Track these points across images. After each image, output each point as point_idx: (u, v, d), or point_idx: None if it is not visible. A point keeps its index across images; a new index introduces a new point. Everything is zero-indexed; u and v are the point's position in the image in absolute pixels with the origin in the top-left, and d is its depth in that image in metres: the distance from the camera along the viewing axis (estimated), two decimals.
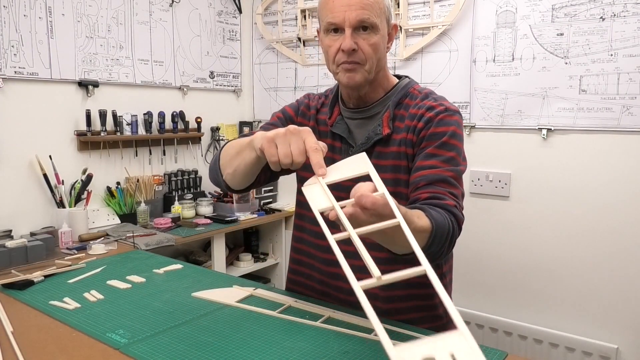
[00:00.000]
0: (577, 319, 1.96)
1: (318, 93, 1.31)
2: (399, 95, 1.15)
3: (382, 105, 1.17)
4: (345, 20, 1.05)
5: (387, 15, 1.11)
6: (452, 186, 1.04)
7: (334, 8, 1.06)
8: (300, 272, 1.30)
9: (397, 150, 1.12)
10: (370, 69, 1.09)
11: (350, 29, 1.05)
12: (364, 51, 1.07)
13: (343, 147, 1.18)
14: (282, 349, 0.97)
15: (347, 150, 1.17)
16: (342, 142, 1.18)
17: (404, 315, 1.15)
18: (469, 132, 2.15)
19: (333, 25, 1.07)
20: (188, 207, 2.40)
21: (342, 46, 1.06)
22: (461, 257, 2.22)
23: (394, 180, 1.11)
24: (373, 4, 1.06)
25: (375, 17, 1.06)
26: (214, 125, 2.77)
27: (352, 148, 1.16)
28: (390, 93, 1.18)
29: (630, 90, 1.78)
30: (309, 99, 1.28)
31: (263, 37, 2.83)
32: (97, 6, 2.19)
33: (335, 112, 1.21)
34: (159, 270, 1.48)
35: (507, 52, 2.02)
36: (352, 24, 1.05)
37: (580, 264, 1.94)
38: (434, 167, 1.05)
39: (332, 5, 1.07)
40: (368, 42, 1.07)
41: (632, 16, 1.75)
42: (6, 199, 1.95)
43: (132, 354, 0.96)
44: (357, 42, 1.06)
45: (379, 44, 1.08)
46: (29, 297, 1.29)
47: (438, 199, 1.00)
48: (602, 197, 1.87)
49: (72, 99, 2.15)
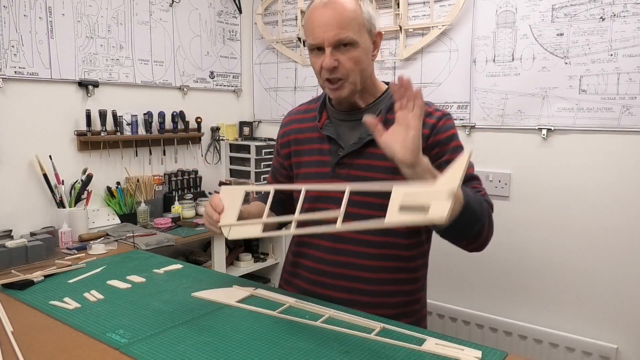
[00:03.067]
0: (577, 319, 1.96)
1: (297, 107, 1.40)
2: (390, 101, 1.19)
3: (374, 110, 1.22)
4: (324, 41, 1.12)
5: (368, 27, 1.16)
6: (477, 179, 1.18)
7: (314, 29, 1.14)
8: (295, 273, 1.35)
9: None
10: (355, 81, 1.16)
11: (330, 47, 1.12)
12: (346, 66, 1.13)
13: (332, 149, 1.23)
14: (282, 349, 0.97)
15: (337, 152, 1.22)
16: (330, 144, 1.24)
17: (389, 310, 1.20)
18: (469, 132, 2.15)
19: (314, 46, 1.15)
20: (188, 207, 2.40)
21: (323, 65, 1.13)
22: (461, 257, 2.22)
23: (391, 182, 1.12)
24: (350, 21, 1.12)
25: (354, 33, 1.12)
26: (214, 125, 2.77)
27: (341, 149, 1.21)
28: (381, 98, 1.23)
29: (630, 90, 1.78)
30: (282, 127, 1.39)
31: (263, 37, 2.83)
32: (97, 6, 2.19)
33: (323, 117, 1.27)
34: (159, 270, 1.48)
35: (507, 52, 2.02)
36: (330, 43, 1.12)
37: (580, 263, 1.94)
38: None
39: (313, 26, 1.14)
40: (348, 57, 1.13)
41: (632, 16, 1.75)
42: (6, 199, 1.95)
43: (132, 354, 0.96)
44: (337, 58, 1.13)
45: (360, 57, 1.14)
46: (29, 297, 1.29)
47: (477, 192, 1.11)
48: (602, 197, 1.88)
49: (72, 99, 2.15)
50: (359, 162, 1.20)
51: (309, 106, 1.35)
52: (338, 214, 0.90)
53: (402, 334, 1.04)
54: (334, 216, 0.90)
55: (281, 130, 1.38)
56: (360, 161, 1.20)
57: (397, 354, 0.96)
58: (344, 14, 1.12)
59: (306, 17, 1.18)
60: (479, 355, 0.95)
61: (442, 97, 2.21)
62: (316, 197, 1.24)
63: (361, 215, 1.12)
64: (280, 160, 1.39)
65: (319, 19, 1.13)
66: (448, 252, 2.24)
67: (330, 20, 1.12)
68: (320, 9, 1.14)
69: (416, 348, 0.98)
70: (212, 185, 2.73)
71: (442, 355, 0.95)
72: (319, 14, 1.14)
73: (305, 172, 1.30)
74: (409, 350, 0.97)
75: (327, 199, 1.22)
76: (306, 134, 1.30)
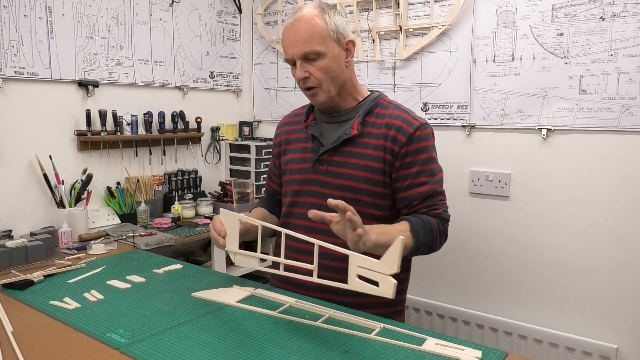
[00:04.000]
0: (577, 319, 1.96)
1: (291, 112, 1.54)
2: (370, 104, 1.32)
3: (354, 113, 1.34)
4: (293, 56, 1.26)
5: (335, 37, 1.26)
6: (441, 194, 1.31)
7: (285, 46, 1.28)
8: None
9: (373, 154, 1.27)
10: (329, 87, 1.28)
11: (299, 61, 1.25)
12: (316, 76, 1.26)
13: (315, 146, 1.35)
14: (282, 348, 0.97)
15: (318, 149, 1.34)
16: (314, 142, 1.35)
17: (369, 309, 1.22)
18: (469, 132, 2.15)
19: (288, 61, 1.29)
20: (188, 207, 2.40)
21: (296, 77, 1.28)
22: (461, 257, 2.22)
23: (366, 179, 1.27)
24: (313, 34, 1.23)
25: (318, 45, 1.24)
26: (214, 125, 2.77)
27: (322, 147, 1.33)
28: (362, 103, 1.35)
29: (630, 90, 1.78)
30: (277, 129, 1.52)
31: (263, 37, 2.83)
32: (97, 6, 2.19)
33: (310, 118, 1.40)
34: (159, 270, 1.48)
35: (507, 52, 2.02)
36: (298, 57, 1.25)
37: (580, 263, 1.94)
38: (425, 184, 1.27)
39: (284, 43, 1.28)
40: (317, 67, 1.25)
41: (632, 16, 1.75)
42: (6, 199, 1.95)
43: (132, 354, 0.96)
44: (308, 70, 1.26)
45: (328, 66, 1.26)
46: (29, 297, 1.29)
47: (433, 210, 1.27)
48: (602, 197, 1.88)
49: (72, 99, 2.15)
50: (336, 159, 1.31)
51: (300, 110, 1.47)
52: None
53: (402, 334, 1.04)
54: (309, 268, 1.06)
55: (276, 132, 1.52)
56: (337, 158, 1.31)
57: (397, 354, 0.96)
58: (307, 30, 1.24)
59: (282, 36, 1.31)
60: (479, 355, 0.95)
61: (442, 97, 2.21)
62: (298, 191, 1.38)
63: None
64: (275, 161, 1.52)
65: (288, 36, 1.27)
66: (448, 253, 2.25)
67: (296, 36, 1.25)
68: (289, 27, 1.27)
69: (416, 348, 0.98)
70: (212, 185, 2.73)
71: (442, 355, 0.95)
72: (288, 31, 1.27)
73: (290, 168, 1.41)
74: (409, 350, 0.97)
75: (309, 193, 1.34)
76: (295, 134, 1.43)
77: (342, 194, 1.26)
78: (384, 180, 1.28)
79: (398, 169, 1.27)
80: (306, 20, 1.25)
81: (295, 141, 1.42)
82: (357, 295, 1.29)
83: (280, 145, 1.48)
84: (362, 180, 1.27)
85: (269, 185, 1.58)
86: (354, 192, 1.27)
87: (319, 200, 1.28)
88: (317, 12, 1.26)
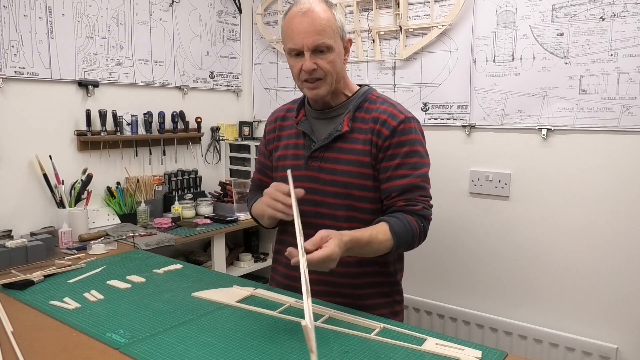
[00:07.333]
0: (577, 319, 1.96)
1: (280, 106, 1.52)
2: (359, 100, 1.33)
3: (344, 108, 1.34)
4: (303, 46, 1.23)
5: (340, 34, 1.28)
6: (422, 189, 1.27)
7: (294, 36, 1.24)
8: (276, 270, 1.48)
9: (361, 149, 1.28)
10: (331, 81, 1.28)
11: (309, 52, 1.24)
12: (323, 69, 1.25)
13: (306, 143, 1.35)
14: (282, 348, 0.97)
15: (310, 146, 1.34)
16: (305, 138, 1.35)
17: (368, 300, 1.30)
18: (469, 132, 2.15)
19: (294, 51, 1.26)
20: (188, 207, 2.40)
21: (304, 67, 1.25)
22: (461, 257, 2.22)
23: (358, 174, 1.28)
24: (326, 28, 1.23)
25: (330, 39, 1.24)
26: (214, 125, 2.77)
27: (314, 143, 1.33)
28: (351, 98, 1.35)
29: (630, 90, 1.78)
30: (267, 125, 1.50)
31: (263, 37, 2.83)
32: (97, 6, 2.19)
33: (301, 114, 1.39)
34: (159, 270, 1.48)
35: (507, 52, 2.02)
36: (309, 48, 1.23)
37: (580, 263, 1.94)
38: (405, 177, 1.26)
39: (292, 33, 1.25)
40: (326, 60, 1.25)
41: (632, 16, 1.75)
42: (6, 199, 1.95)
43: (132, 354, 0.96)
44: (316, 62, 1.24)
45: (335, 61, 1.26)
46: (29, 297, 1.29)
47: (411, 206, 1.25)
48: (602, 197, 1.87)
49: (72, 99, 2.15)
50: (328, 155, 1.31)
51: (291, 106, 1.46)
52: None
53: (402, 334, 1.04)
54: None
55: (269, 127, 1.49)
56: (329, 154, 1.31)
57: (397, 354, 0.96)
58: (321, 22, 1.23)
59: (285, 24, 1.28)
60: (479, 355, 0.95)
61: (442, 97, 2.21)
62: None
63: (329, 204, 1.29)
64: (267, 155, 1.50)
65: (298, 26, 1.23)
66: (447, 253, 2.25)
67: (309, 27, 1.22)
68: (299, 17, 1.24)
69: (416, 348, 0.98)
70: (212, 185, 2.73)
71: (442, 355, 0.95)
72: (298, 21, 1.24)
73: (282, 164, 1.40)
74: (409, 350, 0.97)
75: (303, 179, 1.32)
76: (287, 130, 1.42)
77: (334, 190, 1.29)
78: (374, 174, 1.29)
79: (381, 161, 1.28)
80: (320, 12, 1.23)
81: (287, 137, 1.42)
82: (357, 296, 1.30)
83: (273, 142, 1.45)
84: (354, 175, 1.28)
85: (259, 179, 1.53)
86: (346, 187, 1.29)
87: (313, 196, 1.28)
88: (326, 6, 1.26)
